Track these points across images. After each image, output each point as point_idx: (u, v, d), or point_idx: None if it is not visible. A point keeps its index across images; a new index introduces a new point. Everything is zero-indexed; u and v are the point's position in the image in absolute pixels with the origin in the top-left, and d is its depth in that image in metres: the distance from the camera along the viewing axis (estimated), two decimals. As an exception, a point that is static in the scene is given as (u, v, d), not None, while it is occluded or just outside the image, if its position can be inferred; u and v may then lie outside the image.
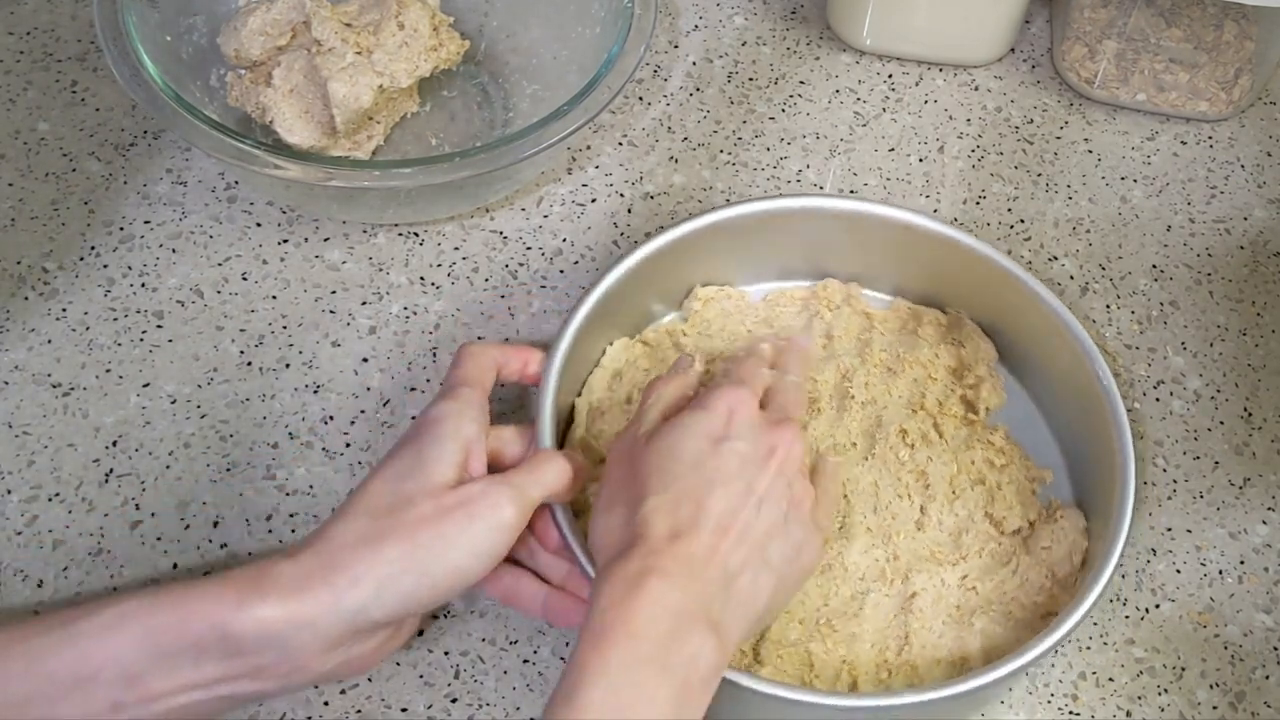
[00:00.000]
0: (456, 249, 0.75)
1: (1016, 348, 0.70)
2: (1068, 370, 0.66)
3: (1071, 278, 0.77)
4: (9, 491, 0.65)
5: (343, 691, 0.60)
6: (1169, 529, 0.68)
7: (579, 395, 0.66)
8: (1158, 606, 0.65)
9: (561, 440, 0.64)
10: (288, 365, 0.70)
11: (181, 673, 0.51)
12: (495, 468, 0.58)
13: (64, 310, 0.71)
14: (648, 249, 0.66)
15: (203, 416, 0.68)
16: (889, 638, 0.61)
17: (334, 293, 0.73)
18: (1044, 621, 0.61)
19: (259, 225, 0.76)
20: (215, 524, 0.65)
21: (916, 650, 0.61)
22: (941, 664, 0.60)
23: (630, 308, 0.69)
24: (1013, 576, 0.63)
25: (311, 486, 0.66)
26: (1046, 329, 0.66)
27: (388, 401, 0.69)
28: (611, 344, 0.68)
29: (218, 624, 0.50)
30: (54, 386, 0.69)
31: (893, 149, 0.82)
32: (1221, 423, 0.72)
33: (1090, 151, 0.83)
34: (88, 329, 0.71)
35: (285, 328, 0.72)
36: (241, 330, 0.71)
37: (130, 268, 0.73)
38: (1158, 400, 0.72)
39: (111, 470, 0.66)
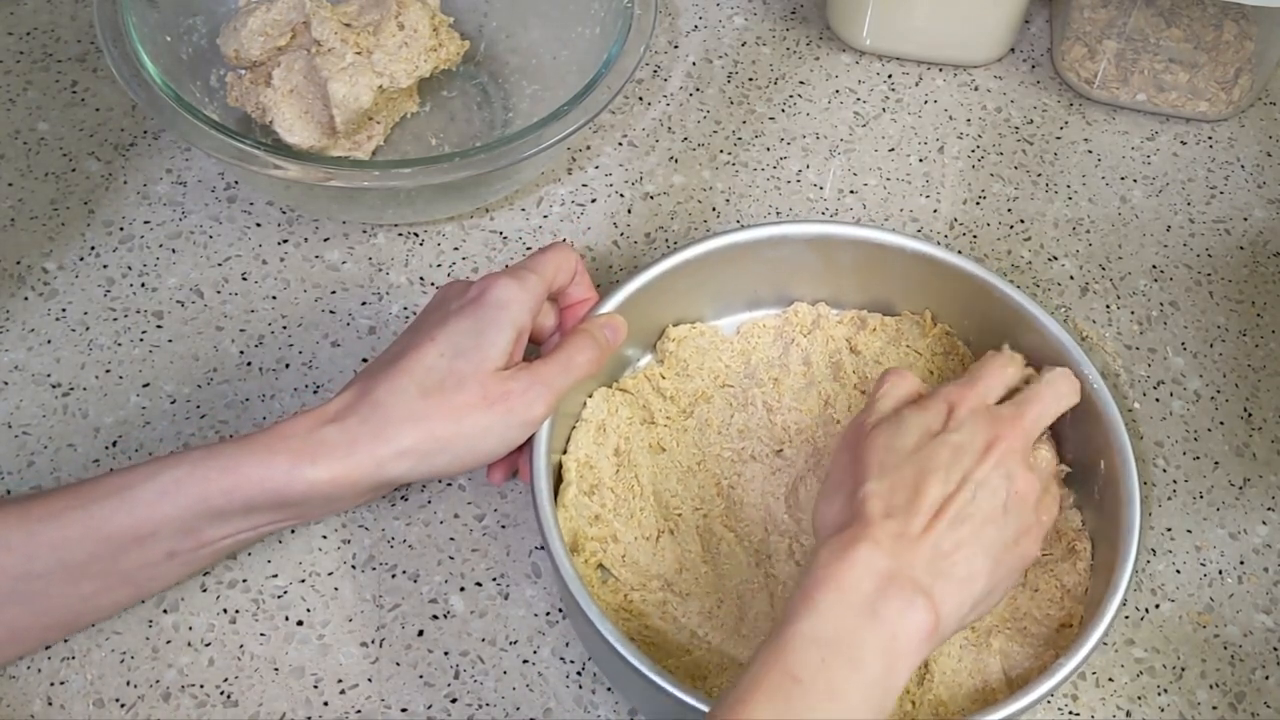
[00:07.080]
0: (456, 249, 0.75)
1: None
2: None
3: (1071, 278, 0.77)
4: (8, 492, 0.65)
5: (342, 692, 0.60)
6: (1169, 529, 0.68)
7: (564, 453, 0.64)
8: (1157, 606, 0.65)
9: (554, 497, 0.62)
10: (287, 365, 0.70)
11: (233, 524, 0.57)
12: (530, 339, 0.63)
13: (64, 310, 0.71)
14: (618, 297, 0.65)
15: (202, 417, 0.68)
16: None
17: (334, 293, 0.73)
18: (1060, 634, 0.61)
19: (259, 225, 0.76)
20: (215, 524, 0.65)
21: (939, 678, 0.60)
22: (965, 690, 0.60)
23: None
24: (1024, 590, 0.62)
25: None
26: (1028, 336, 0.65)
27: (388, 401, 0.69)
28: (591, 396, 0.66)
29: (270, 488, 0.55)
30: (54, 386, 0.69)
31: (893, 149, 0.82)
32: (1221, 423, 0.72)
33: (1090, 151, 0.83)
34: (88, 329, 0.71)
35: (285, 328, 0.72)
36: (241, 330, 0.71)
37: (130, 268, 0.73)
38: (1158, 401, 0.72)
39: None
